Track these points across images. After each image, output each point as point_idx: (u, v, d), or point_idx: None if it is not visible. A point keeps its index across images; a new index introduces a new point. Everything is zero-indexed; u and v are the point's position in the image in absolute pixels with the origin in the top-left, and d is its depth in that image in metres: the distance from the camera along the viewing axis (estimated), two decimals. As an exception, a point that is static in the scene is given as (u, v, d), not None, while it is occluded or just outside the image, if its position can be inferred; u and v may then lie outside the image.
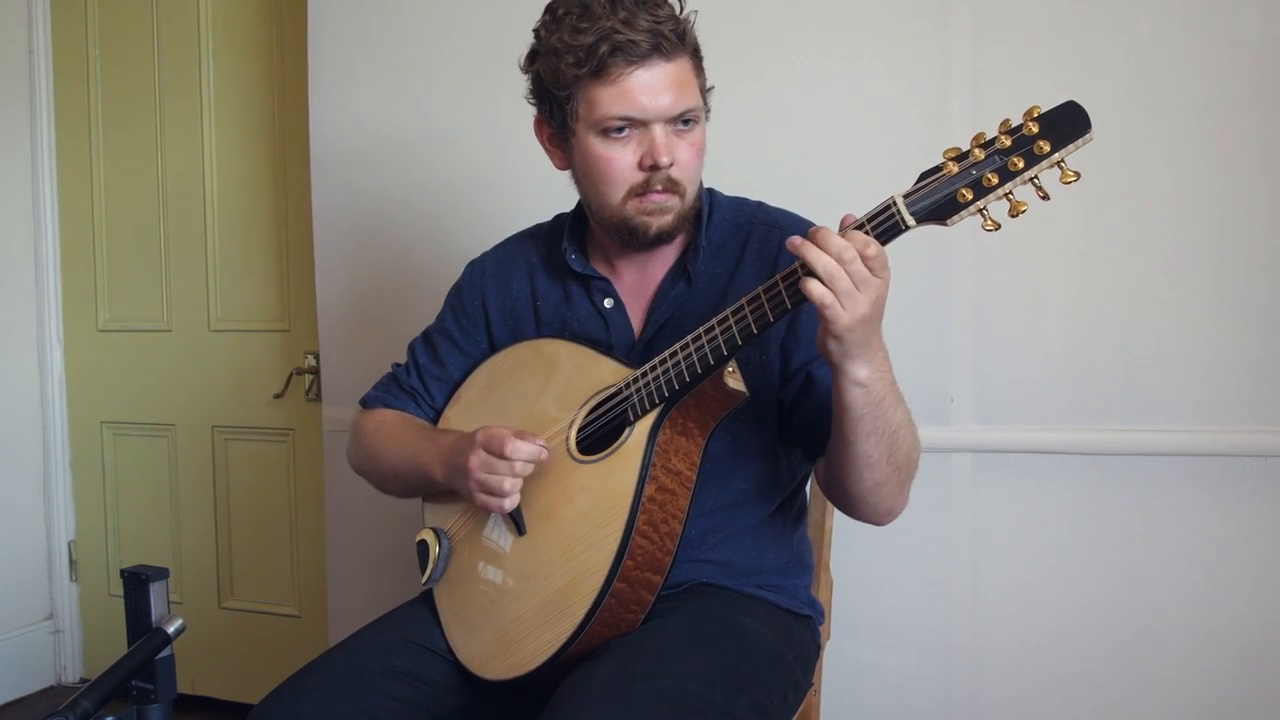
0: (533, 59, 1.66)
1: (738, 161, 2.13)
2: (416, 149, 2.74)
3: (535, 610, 1.58)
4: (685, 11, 1.62)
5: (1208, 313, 2.12)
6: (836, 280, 1.33)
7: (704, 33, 1.65)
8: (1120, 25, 2.14)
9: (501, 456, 1.56)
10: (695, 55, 1.64)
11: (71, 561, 3.61)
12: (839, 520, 2.03)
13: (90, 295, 3.53)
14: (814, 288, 1.33)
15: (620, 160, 1.61)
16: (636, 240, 1.67)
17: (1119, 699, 2.22)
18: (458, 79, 2.68)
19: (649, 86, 1.56)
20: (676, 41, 1.58)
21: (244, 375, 3.29)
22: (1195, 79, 2.11)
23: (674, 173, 1.61)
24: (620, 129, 1.59)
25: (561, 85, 1.60)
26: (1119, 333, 2.17)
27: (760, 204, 1.81)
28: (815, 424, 1.62)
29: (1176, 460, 2.15)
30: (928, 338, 2.28)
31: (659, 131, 1.59)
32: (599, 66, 1.55)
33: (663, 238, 1.67)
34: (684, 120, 1.61)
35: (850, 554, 2.19)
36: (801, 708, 1.75)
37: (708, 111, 1.69)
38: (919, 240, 2.20)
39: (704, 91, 1.67)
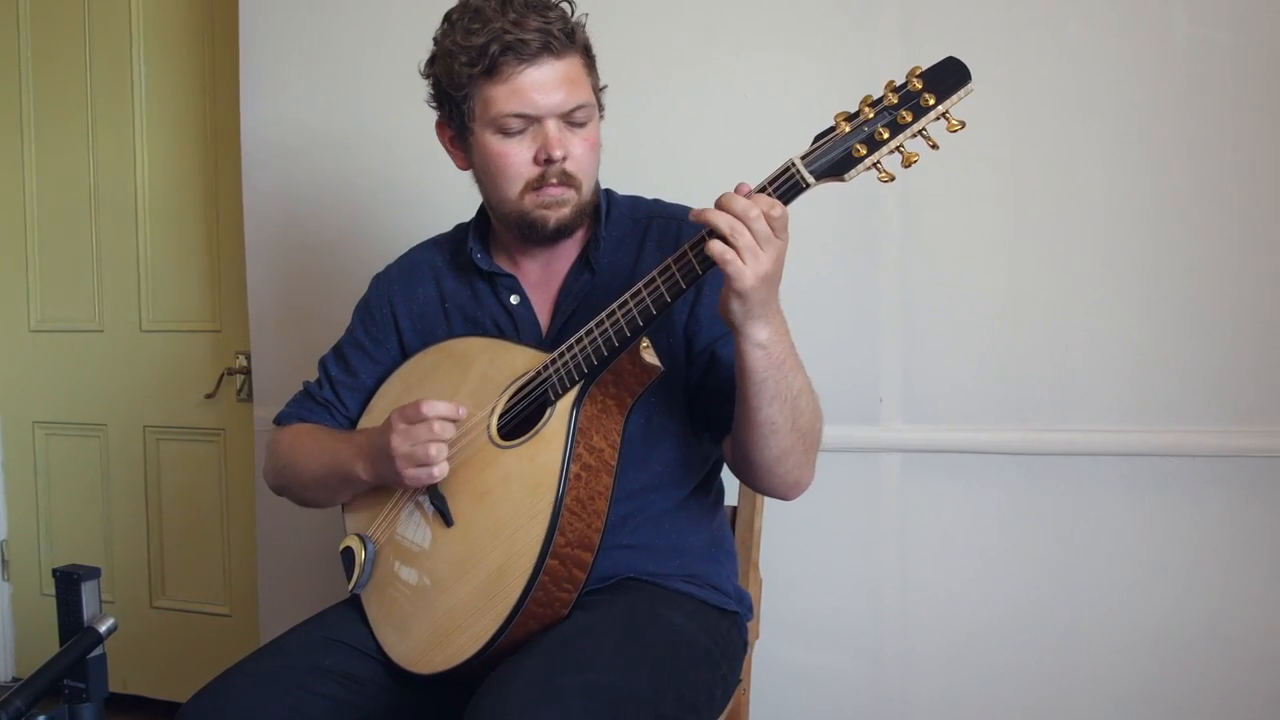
0: (431, 63, 1.67)
1: (663, 163, 2.14)
2: (347, 150, 2.63)
3: (468, 598, 1.53)
4: (576, 14, 1.63)
5: (1136, 313, 2.08)
6: (739, 236, 1.34)
7: (630, 34, 1.64)
8: (1049, 27, 2.08)
9: (419, 419, 1.54)
10: (586, 54, 1.64)
11: (3, 561, 3.47)
12: (769, 520, 1.98)
13: (22, 295, 3.37)
14: (715, 245, 1.35)
15: (516, 155, 1.61)
16: (537, 234, 1.66)
17: (1048, 697, 2.17)
18: (389, 80, 2.56)
19: (540, 84, 1.57)
20: (566, 40, 1.58)
21: (175, 375, 3.16)
22: (1124, 80, 2.06)
23: (569, 166, 1.61)
24: (515, 126, 1.59)
25: (457, 86, 1.60)
26: (1047, 333, 2.12)
27: (656, 200, 1.81)
28: (720, 402, 1.60)
29: (1104, 460, 2.10)
30: (856, 338, 2.21)
31: (551, 126, 1.59)
32: (491, 65, 1.56)
33: (562, 231, 1.66)
34: (577, 116, 1.61)
35: (779, 553, 2.13)
36: (730, 705, 1.70)
37: (601, 110, 1.68)
38: (847, 239, 2.17)
39: (597, 91, 1.66)
